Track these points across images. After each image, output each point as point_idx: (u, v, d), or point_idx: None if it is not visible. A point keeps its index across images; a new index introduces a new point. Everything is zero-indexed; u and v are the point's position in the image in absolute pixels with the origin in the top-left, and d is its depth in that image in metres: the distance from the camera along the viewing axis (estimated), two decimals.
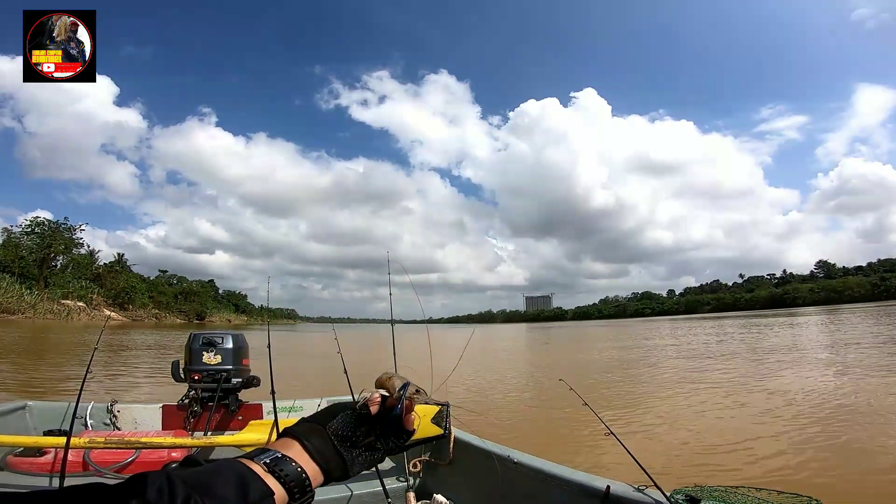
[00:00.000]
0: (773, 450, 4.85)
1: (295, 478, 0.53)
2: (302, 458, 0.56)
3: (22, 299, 46.36)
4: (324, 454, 0.58)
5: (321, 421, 0.62)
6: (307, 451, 0.57)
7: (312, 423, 0.62)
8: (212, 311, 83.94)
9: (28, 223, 57.47)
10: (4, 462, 2.31)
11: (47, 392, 8.59)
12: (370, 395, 0.68)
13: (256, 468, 0.52)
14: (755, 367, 11.41)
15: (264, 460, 0.53)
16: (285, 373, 9.89)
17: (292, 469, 0.54)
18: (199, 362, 3.13)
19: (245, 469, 0.51)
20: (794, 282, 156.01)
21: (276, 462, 0.53)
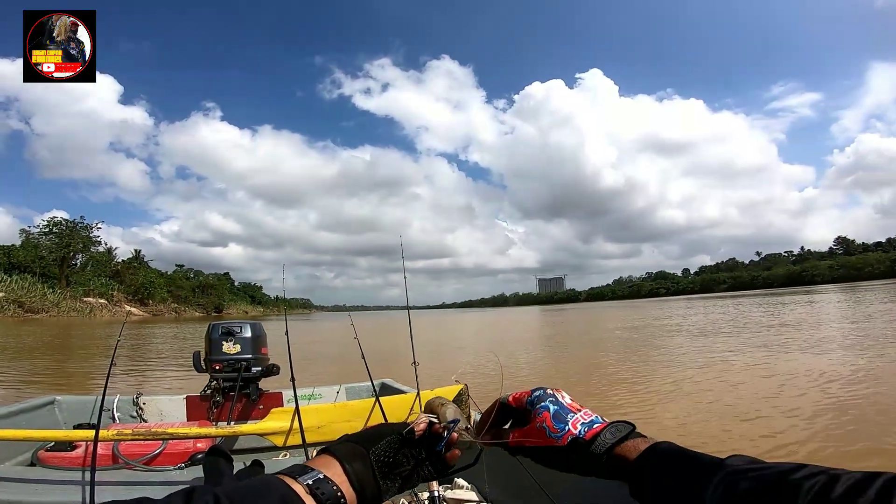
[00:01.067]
0: (794, 430, 4.79)
1: (332, 499, 0.53)
2: (341, 480, 0.55)
3: (45, 298, 47.64)
4: (362, 479, 0.57)
5: (365, 444, 0.61)
6: (347, 475, 0.56)
7: (356, 446, 0.61)
8: (229, 304, 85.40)
9: (45, 223, 58.79)
10: (36, 457, 2.36)
11: (77, 386, 8.85)
12: (418, 420, 0.67)
13: (298, 489, 0.52)
14: (778, 346, 11.26)
15: (307, 481, 0.53)
16: (303, 361, 10.04)
17: (332, 492, 0.53)
18: (219, 352, 3.17)
19: (288, 490, 0.51)
20: (813, 259, 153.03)
21: (317, 484, 0.53)
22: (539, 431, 0.64)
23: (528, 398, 0.69)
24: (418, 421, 0.66)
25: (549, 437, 0.63)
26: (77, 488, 1.90)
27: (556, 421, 0.64)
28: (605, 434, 0.60)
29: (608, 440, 0.59)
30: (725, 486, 0.45)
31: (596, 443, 0.60)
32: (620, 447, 0.58)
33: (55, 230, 58.12)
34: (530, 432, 0.65)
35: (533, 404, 0.67)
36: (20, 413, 2.70)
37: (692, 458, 0.52)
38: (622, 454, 0.58)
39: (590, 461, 0.60)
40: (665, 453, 0.55)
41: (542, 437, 0.64)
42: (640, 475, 0.55)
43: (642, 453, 0.56)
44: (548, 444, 0.63)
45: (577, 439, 0.61)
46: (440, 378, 3.47)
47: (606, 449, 0.59)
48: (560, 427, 0.63)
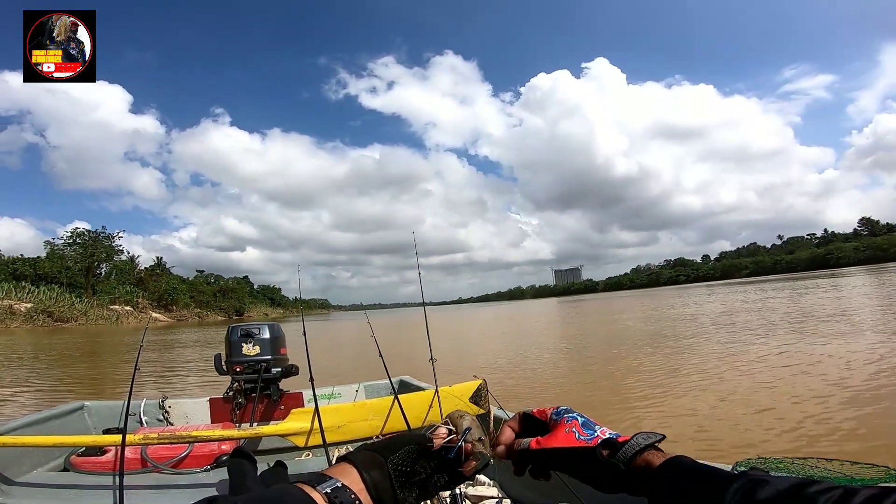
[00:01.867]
0: (834, 421, 4.66)
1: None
2: (359, 488, 0.56)
3: (73, 307, 49.09)
4: (380, 488, 0.57)
5: (383, 452, 0.61)
6: (364, 483, 0.57)
7: (375, 455, 0.61)
8: (249, 307, 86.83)
9: (69, 234, 60.51)
10: (69, 462, 2.43)
11: (108, 390, 9.11)
12: (436, 428, 0.68)
13: (317, 497, 0.52)
14: (811, 336, 11.00)
15: (326, 490, 0.53)
16: (322, 360, 10.16)
17: (350, 500, 0.54)
18: (239, 354, 3.22)
19: (307, 499, 0.51)
20: (837, 241, 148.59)
21: (336, 493, 0.53)
22: (567, 435, 0.64)
23: (553, 411, 0.69)
24: (438, 431, 0.67)
25: (578, 439, 0.63)
26: (108, 493, 1.95)
27: (586, 428, 0.64)
28: (636, 438, 0.60)
29: (640, 443, 0.59)
30: (743, 494, 0.46)
31: (627, 445, 0.60)
32: (642, 457, 0.58)
33: (78, 241, 59.82)
34: (556, 436, 0.65)
35: (559, 415, 0.68)
36: (51, 419, 2.78)
37: (710, 470, 0.53)
38: (644, 461, 0.58)
39: (613, 468, 0.60)
40: (683, 465, 0.55)
41: (570, 440, 0.64)
42: (657, 484, 0.55)
43: (662, 463, 0.56)
44: (576, 444, 0.63)
45: (609, 440, 0.61)
46: (458, 374, 3.47)
47: (632, 455, 0.59)
48: (589, 433, 0.64)
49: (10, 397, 8.52)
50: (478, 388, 2.64)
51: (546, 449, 0.65)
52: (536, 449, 0.66)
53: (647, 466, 0.57)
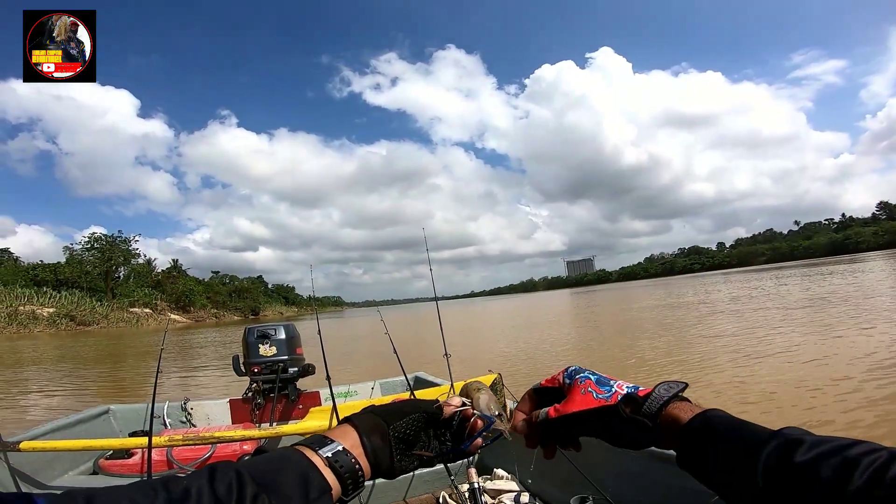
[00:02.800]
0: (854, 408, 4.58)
1: (351, 472, 0.54)
2: (358, 452, 0.56)
3: (95, 311, 50.19)
4: (378, 454, 0.57)
5: (388, 418, 0.61)
6: (364, 448, 0.57)
7: (379, 420, 0.60)
8: (264, 306, 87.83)
9: (87, 239, 61.81)
10: (98, 466, 2.50)
11: (132, 393, 9.32)
12: (449, 400, 0.65)
13: (318, 461, 0.52)
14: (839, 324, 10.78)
15: (326, 454, 0.53)
16: (338, 358, 10.26)
17: (350, 464, 0.54)
18: (257, 355, 3.27)
19: (307, 463, 0.52)
20: (856, 225, 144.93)
21: (336, 457, 0.54)
22: (584, 397, 0.60)
23: (563, 374, 0.65)
24: (450, 401, 0.65)
25: (597, 398, 0.59)
26: None
27: (601, 385, 0.60)
28: (658, 389, 0.56)
29: (662, 395, 0.55)
30: (779, 456, 0.43)
31: (650, 399, 0.55)
32: (669, 409, 0.54)
33: (96, 246, 61.05)
34: (573, 400, 0.61)
35: (571, 377, 0.63)
36: (78, 423, 2.86)
37: (745, 427, 0.49)
38: (671, 416, 0.54)
39: (639, 424, 0.55)
40: (716, 419, 0.51)
41: (589, 401, 0.59)
42: (689, 441, 0.51)
43: (692, 418, 0.52)
44: (596, 405, 0.59)
45: (629, 395, 0.57)
46: (473, 368, 3.48)
47: (658, 407, 0.54)
48: (606, 389, 0.59)
49: (39, 400, 8.78)
50: (493, 383, 2.66)
51: (566, 415, 0.61)
52: (556, 417, 0.61)
53: (674, 421, 0.53)
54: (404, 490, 2.48)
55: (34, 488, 2.18)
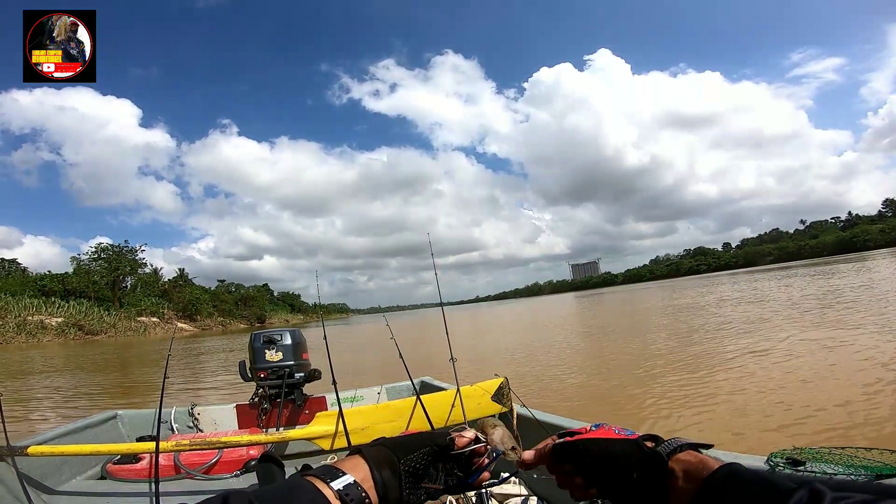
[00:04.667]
0: (867, 412, 4.52)
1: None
2: (368, 485, 0.56)
3: (102, 320, 50.58)
4: (387, 488, 0.58)
5: (398, 451, 0.61)
6: (374, 482, 0.57)
7: (389, 452, 0.61)
8: (270, 314, 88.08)
9: (93, 250, 62.42)
10: (105, 470, 2.51)
11: (140, 398, 9.36)
12: (462, 433, 0.65)
13: (328, 493, 0.52)
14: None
15: (337, 486, 0.53)
16: (344, 364, 10.25)
17: (360, 497, 0.54)
18: (263, 360, 3.27)
19: (319, 496, 0.52)
20: (863, 223, 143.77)
21: (347, 490, 0.54)
22: (606, 431, 0.64)
23: (591, 426, 0.68)
24: (463, 434, 0.65)
25: (618, 433, 0.63)
26: (144, 500, 2.01)
27: (625, 430, 0.64)
28: (679, 437, 0.59)
29: (683, 439, 0.57)
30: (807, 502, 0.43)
31: (671, 440, 0.58)
32: (693, 454, 0.55)
33: (103, 255, 61.63)
34: (593, 432, 0.65)
35: (598, 426, 0.67)
36: (86, 428, 2.87)
37: (771, 478, 0.48)
38: (698, 460, 0.54)
39: (656, 461, 0.56)
40: (742, 471, 0.50)
41: (609, 433, 0.63)
42: (710, 489, 0.51)
43: (719, 468, 0.52)
44: (614, 437, 0.62)
45: (651, 434, 0.60)
46: (479, 373, 3.47)
47: (679, 447, 0.56)
48: (628, 432, 0.63)
49: (47, 406, 8.83)
50: (500, 387, 2.64)
51: (582, 440, 0.63)
52: (573, 441, 0.64)
53: (697, 465, 0.53)
54: None
55: (42, 493, 2.18)
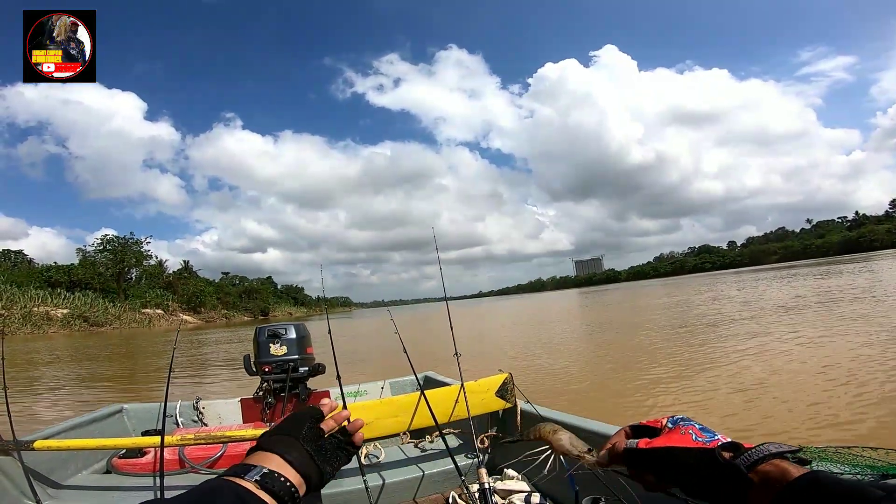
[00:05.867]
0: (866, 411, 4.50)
1: (285, 491, 0.54)
2: (286, 470, 0.56)
3: (107, 312, 50.93)
4: (303, 464, 0.58)
5: (291, 432, 0.62)
6: (291, 464, 0.57)
7: (284, 436, 0.62)
8: (274, 307, 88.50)
9: (99, 241, 62.83)
10: (111, 465, 2.52)
11: (145, 390, 9.43)
12: (332, 408, 0.70)
13: (249, 486, 0.52)
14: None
15: (255, 478, 0.53)
16: (348, 358, 10.29)
17: (281, 484, 0.54)
18: (267, 354, 3.28)
19: (241, 490, 0.51)
20: (870, 223, 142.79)
21: (265, 479, 0.54)
22: (682, 437, 0.58)
23: (668, 419, 0.63)
24: (323, 403, 0.69)
25: (696, 440, 0.57)
26: (150, 494, 2.02)
27: (704, 431, 0.59)
28: (766, 445, 0.54)
29: (770, 449, 0.53)
30: None
31: (753, 450, 0.53)
32: (775, 463, 0.52)
33: (108, 247, 62.00)
34: (670, 437, 0.59)
35: (675, 422, 0.62)
36: (92, 422, 2.89)
37: (856, 487, 0.45)
38: (779, 469, 0.51)
39: (734, 473, 0.53)
40: (826, 478, 0.47)
41: (686, 440, 0.58)
42: (791, 498, 0.48)
43: (801, 475, 0.49)
44: (691, 445, 0.57)
45: (732, 442, 0.55)
46: (483, 368, 3.46)
47: (760, 458, 0.52)
48: (708, 435, 0.58)
49: (53, 399, 8.91)
50: (504, 382, 2.63)
51: (657, 449, 0.58)
52: (646, 449, 0.59)
53: (777, 475, 0.50)
54: (414, 490, 2.47)
55: (48, 487, 2.20)
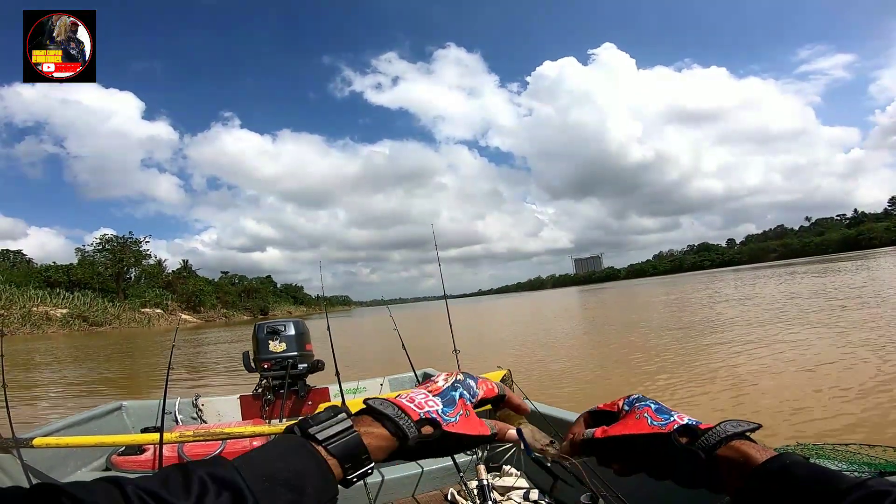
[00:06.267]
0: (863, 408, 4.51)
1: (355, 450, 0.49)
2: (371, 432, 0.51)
3: (107, 311, 50.88)
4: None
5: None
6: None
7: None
8: (273, 306, 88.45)
9: (98, 241, 62.70)
10: (110, 462, 2.52)
11: (144, 388, 9.43)
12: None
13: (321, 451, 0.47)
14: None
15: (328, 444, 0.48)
16: (347, 356, 10.28)
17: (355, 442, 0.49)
18: (266, 351, 3.28)
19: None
20: (868, 221, 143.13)
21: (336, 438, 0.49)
22: (637, 422, 0.56)
23: (624, 400, 0.61)
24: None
25: (651, 425, 0.55)
26: None
27: (659, 413, 0.56)
28: (723, 425, 0.51)
29: (727, 430, 0.50)
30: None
31: (710, 433, 0.51)
32: (737, 446, 0.49)
33: (107, 247, 61.89)
34: (625, 423, 0.57)
35: (631, 404, 0.59)
36: (91, 420, 2.89)
37: (827, 474, 0.44)
38: (742, 453, 0.48)
39: (692, 458, 0.50)
40: (796, 464, 0.45)
41: (641, 426, 0.55)
42: (759, 483, 0.46)
43: (769, 460, 0.47)
44: (648, 431, 0.54)
45: (687, 425, 0.53)
46: (482, 365, 3.47)
47: (718, 441, 0.50)
48: (664, 417, 0.55)
49: (52, 397, 8.91)
50: (502, 379, 2.64)
51: (611, 437, 0.57)
52: (601, 437, 0.58)
53: (739, 460, 0.48)
54: (413, 487, 2.47)
55: None
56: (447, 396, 0.56)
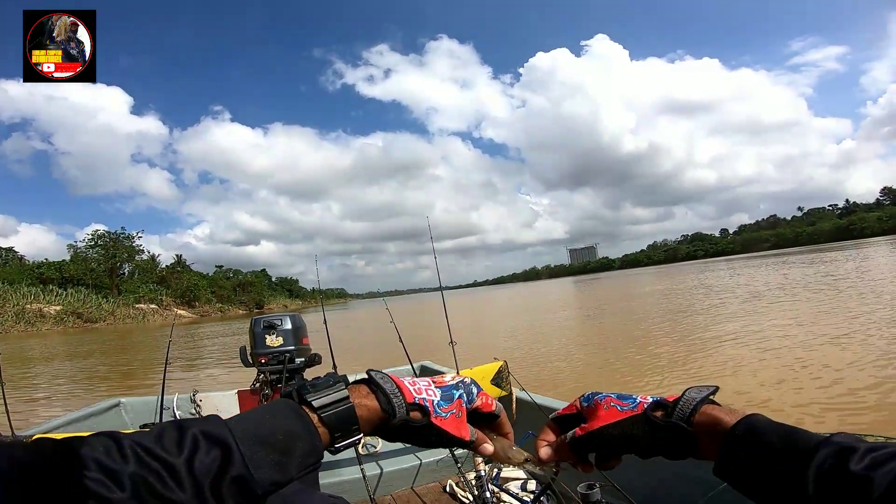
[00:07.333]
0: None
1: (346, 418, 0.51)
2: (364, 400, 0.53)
3: (101, 308, 50.54)
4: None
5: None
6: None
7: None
8: (269, 299, 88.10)
9: (90, 237, 62.03)
10: None
11: (142, 385, 9.42)
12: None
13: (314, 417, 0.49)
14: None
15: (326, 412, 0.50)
16: (343, 349, 10.29)
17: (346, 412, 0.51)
18: (263, 346, 3.27)
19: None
20: (860, 211, 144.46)
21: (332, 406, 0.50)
22: (608, 412, 0.57)
23: (580, 400, 0.62)
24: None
25: (622, 411, 0.56)
26: None
27: (623, 399, 0.58)
28: (688, 393, 0.53)
29: (694, 397, 0.52)
30: (833, 464, 0.40)
31: (681, 403, 0.52)
32: (706, 412, 0.51)
33: (100, 243, 61.30)
34: (598, 416, 0.58)
35: (589, 400, 0.61)
36: (90, 417, 2.88)
37: (793, 433, 0.45)
38: (712, 418, 0.50)
39: (676, 431, 0.51)
40: (762, 425, 0.47)
41: (614, 414, 0.57)
42: (731, 447, 0.47)
43: (736, 424, 0.48)
44: (622, 416, 0.56)
45: (657, 401, 0.54)
46: (478, 356, 3.50)
47: (691, 410, 0.51)
48: (630, 401, 0.57)
49: (51, 395, 8.89)
50: (499, 370, 2.66)
51: (593, 431, 0.57)
52: (583, 434, 0.58)
53: (713, 425, 0.49)
54: (412, 478, 2.50)
55: None
56: (447, 392, 0.57)
